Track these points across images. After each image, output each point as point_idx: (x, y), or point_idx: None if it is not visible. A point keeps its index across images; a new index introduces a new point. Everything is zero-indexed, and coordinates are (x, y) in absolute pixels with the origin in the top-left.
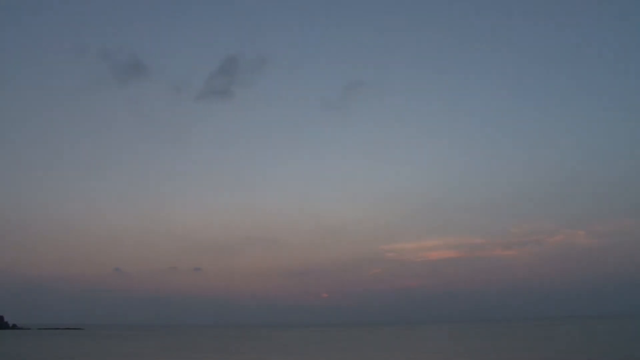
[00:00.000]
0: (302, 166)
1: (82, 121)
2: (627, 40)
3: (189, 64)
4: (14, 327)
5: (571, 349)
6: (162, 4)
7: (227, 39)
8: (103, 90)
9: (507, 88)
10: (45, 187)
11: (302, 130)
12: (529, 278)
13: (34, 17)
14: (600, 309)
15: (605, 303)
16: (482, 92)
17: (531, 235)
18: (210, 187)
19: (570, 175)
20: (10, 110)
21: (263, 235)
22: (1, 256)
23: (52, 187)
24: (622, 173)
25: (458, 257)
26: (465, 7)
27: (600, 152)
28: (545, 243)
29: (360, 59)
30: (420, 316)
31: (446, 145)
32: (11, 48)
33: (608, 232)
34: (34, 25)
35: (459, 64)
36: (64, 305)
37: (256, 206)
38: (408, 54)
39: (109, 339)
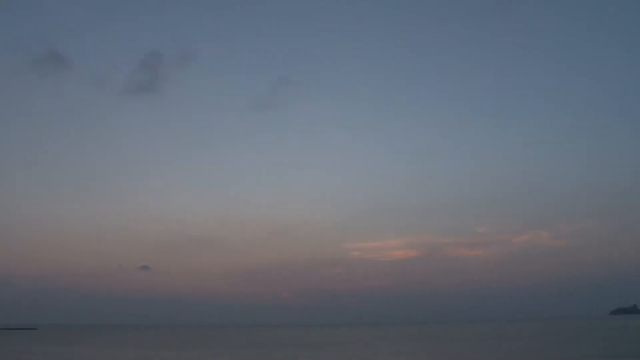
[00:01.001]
0: (238, 166)
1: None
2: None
3: (111, 57)
4: None
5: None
6: None
7: (149, 33)
8: (19, 80)
9: (464, 88)
10: None
11: (233, 129)
12: (494, 278)
13: None
14: (566, 310)
15: (571, 304)
16: (438, 92)
17: (497, 235)
18: (142, 184)
19: (532, 178)
20: None
21: (211, 235)
22: None
23: None
24: (585, 174)
25: (422, 256)
26: (399, 9)
27: (564, 154)
28: (511, 243)
29: (291, 57)
30: (383, 316)
31: (409, 143)
32: None
33: (572, 233)
34: None
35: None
36: (15, 305)
37: (197, 206)
38: (344, 52)
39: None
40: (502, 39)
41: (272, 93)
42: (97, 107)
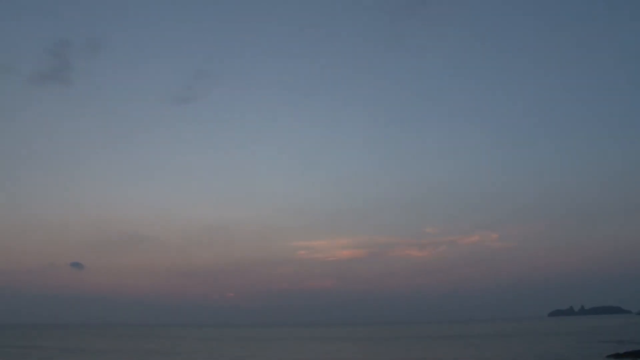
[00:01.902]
0: (162, 161)
1: None
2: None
3: (16, 44)
4: None
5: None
6: None
7: (59, 21)
8: None
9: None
10: None
11: (153, 122)
12: (442, 279)
13: None
14: (507, 312)
15: (512, 306)
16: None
17: (445, 236)
18: (57, 179)
19: (485, 179)
20: None
21: (144, 233)
22: None
23: None
24: (532, 179)
25: (369, 256)
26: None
27: (514, 158)
28: (459, 244)
29: (210, 48)
30: (329, 317)
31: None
32: None
33: (519, 235)
34: None
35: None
36: None
37: (125, 202)
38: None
39: None
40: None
41: (191, 85)
42: (2, 96)
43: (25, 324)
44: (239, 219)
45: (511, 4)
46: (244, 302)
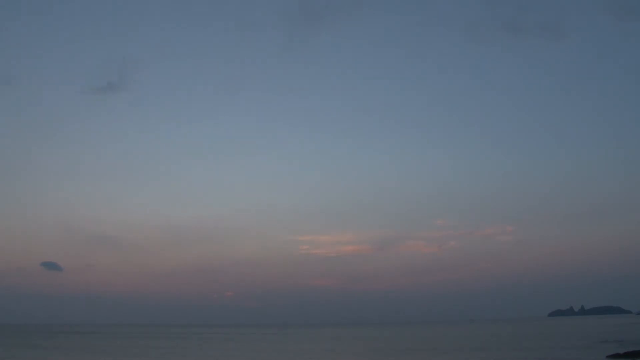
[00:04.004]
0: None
1: None
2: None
3: None
4: None
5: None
6: None
7: None
8: None
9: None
10: None
11: (65, 118)
12: (441, 279)
13: None
14: (510, 311)
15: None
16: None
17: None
18: None
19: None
20: None
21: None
22: None
23: None
24: (532, 179)
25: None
26: None
27: (513, 161)
28: (458, 244)
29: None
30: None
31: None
32: None
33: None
34: None
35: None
36: None
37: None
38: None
39: None
40: None
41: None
42: None
43: None
44: (236, 215)
45: None
46: (244, 301)
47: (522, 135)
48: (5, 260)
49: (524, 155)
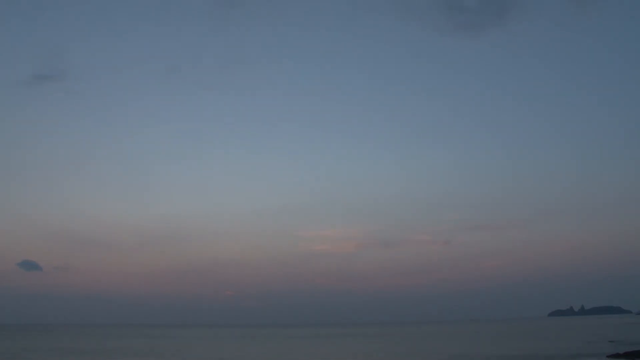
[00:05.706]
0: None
1: None
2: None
3: None
4: None
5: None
6: None
7: None
8: None
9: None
10: None
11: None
12: (440, 279)
13: None
14: (511, 311)
15: (516, 305)
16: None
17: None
18: None
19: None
20: None
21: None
22: None
23: None
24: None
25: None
26: None
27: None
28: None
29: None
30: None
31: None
32: None
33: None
34: None
35: None
36: None
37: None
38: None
39: None
40: None
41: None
42: None
43: None
44: (236, 212)
45: None
46: (243, 300)
47: (518, 134)
48: None
49: (525, 155)
